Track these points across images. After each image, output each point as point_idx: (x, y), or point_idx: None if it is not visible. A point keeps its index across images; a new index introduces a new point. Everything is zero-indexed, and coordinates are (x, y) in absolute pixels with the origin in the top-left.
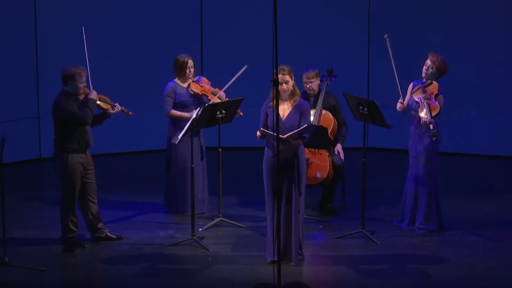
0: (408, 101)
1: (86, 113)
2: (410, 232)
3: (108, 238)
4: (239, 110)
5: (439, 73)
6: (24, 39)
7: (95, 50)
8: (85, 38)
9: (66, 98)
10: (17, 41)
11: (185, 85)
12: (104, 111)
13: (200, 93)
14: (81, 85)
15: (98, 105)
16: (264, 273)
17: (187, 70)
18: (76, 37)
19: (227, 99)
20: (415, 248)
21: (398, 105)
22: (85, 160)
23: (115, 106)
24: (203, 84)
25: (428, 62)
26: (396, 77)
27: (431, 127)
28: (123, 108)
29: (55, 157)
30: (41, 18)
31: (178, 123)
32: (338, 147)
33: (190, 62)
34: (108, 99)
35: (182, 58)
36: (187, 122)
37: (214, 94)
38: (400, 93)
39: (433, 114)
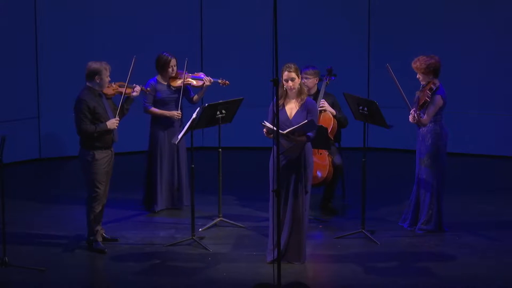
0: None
1: (89, 132)
2: (410, 232)
3: (102, 238)
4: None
5: (430, 72)
6: (24, 39)
7: (94, 50)
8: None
9: (89, 97)
10: (17, 41)
11: (166, 82)
12: (128, 95)
13: (183, 84)
14: (108, 80)
15: (121, 92)
16: (264, 273)
17: (170, 69)
18: (76, 36)
19: (208, 77)
20: (415, 248)
21: (410, 118)
22: (109, 157)
23: (134, 88)
24: (181, 76)
25: (415, 69)
26: (405, 97)
27: (414, 114)
28: (141, 86)
29: (81, 154)
30: (41, 18)
31: (159, 120)
32: (326, 104)
33: (173, 61)
34: (124, 83)
35: (165, 57)
36: (167, 120)
37: (195, 79)
38: (410, 108)
39: (420, 103)
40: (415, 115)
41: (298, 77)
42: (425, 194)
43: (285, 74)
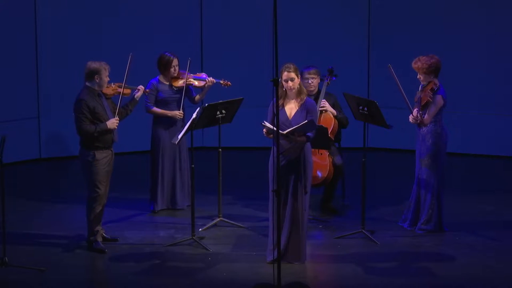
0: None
1: (90, 132)
2: (410, 232)
3: (102, 238)
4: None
5: (431, 72)
6: (24, 39)
7: (94, 50)
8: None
9: (88, 97)
10: (17, 41)
11: (168, 82)
12: (126, 95)
13: (185, 84)
14: (107, 79)
15: (124, 93)
16: (264, 273)
17: (172, 69)
18: (76, 36)
19: (210, 78)
20: (415, 248)
21: (410, 118)
22: (110, 157)
23: (137, 87)
24: (183, 76)
25: (416, 70)
26: (406, 98)
27: (417, 114)
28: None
29: (81, 154)
30: (41, 18)
31: (161, 120)
32: (327, 104)
33: (175, 61)
34: (122, 84)
35: (167, 57)
36: (169, 120)
37: (197, 79)
38: (411, 108)
39: (422, 103)
40: (418, 115)
41: (298, 77)
42: (425, 194)
43: (285, 75)
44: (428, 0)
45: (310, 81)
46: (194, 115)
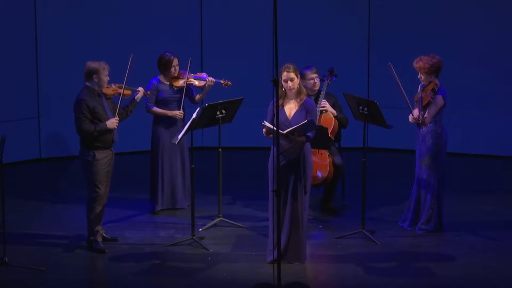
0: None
1: (89, 132)
2: (410, 232)
3: (102, 238)
4: (227, 81)
5: (432, 72)
6: (24, 39)
7: (94, 50)
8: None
9: (88, 97)
10: (17, 41)
11: (168, 82)
12: (126, 96)
13: (185, 84)
14: (106, 79)
15: (124, 94)
16: (264, 273)
17: (172, 69)
18: (76, 36)
19: (210, 78)
20: (415, 248)
21: (410, 118)
22: (110, 157)
23: (137, 90)
24: (183, 76)
25: (417, 69)
26: (405, 96)
27: (419, 114)
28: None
29: (81, 154)
30: (41, 18)
31: (162, 120)
32: (327, 104)
33: (176, 61)
34: (123, 85)
35: (167, 57)
36: (169, 119)
37: (197, 79)
38: (411, 108)
39: (424, 103)
40: (420, 115)
41: (297, 77)
42: (425, 194)
43: (284, 75)
44: (428, 0)
45: (315, 80)
46: (194, 115)
